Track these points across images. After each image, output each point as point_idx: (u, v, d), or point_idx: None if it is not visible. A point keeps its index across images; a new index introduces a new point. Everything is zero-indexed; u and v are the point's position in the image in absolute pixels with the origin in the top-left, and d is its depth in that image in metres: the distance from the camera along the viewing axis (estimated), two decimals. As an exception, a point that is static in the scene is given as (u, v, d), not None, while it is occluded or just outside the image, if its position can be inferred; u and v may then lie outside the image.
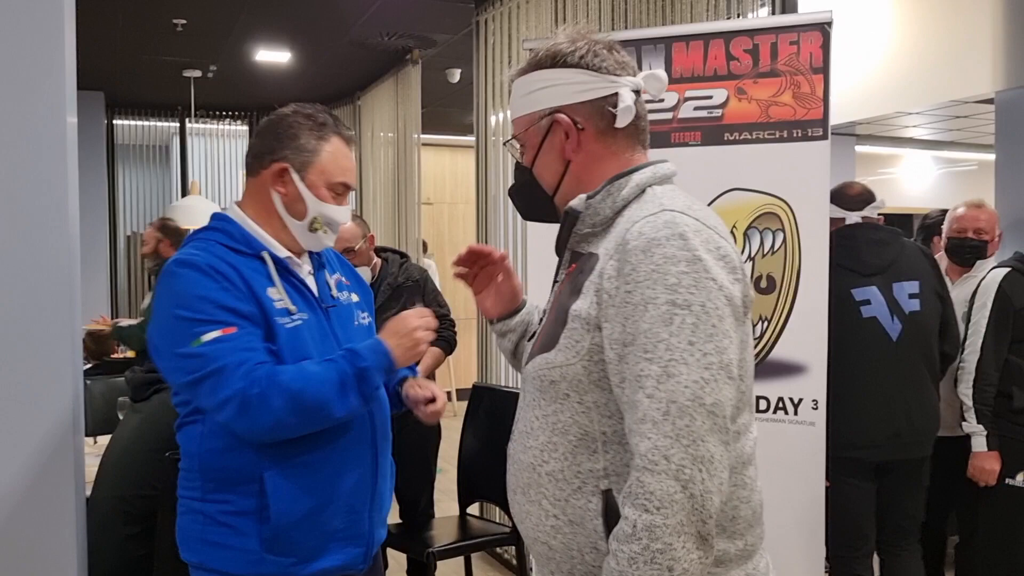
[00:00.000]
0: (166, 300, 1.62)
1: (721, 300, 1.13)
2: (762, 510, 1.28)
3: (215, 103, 7.84)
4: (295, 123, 1.71)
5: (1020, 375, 2.88)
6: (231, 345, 1.56)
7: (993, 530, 2.97)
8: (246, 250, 1.69)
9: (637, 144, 1.31)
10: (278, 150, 1.70)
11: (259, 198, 1.73)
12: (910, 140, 9.29)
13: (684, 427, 1.09)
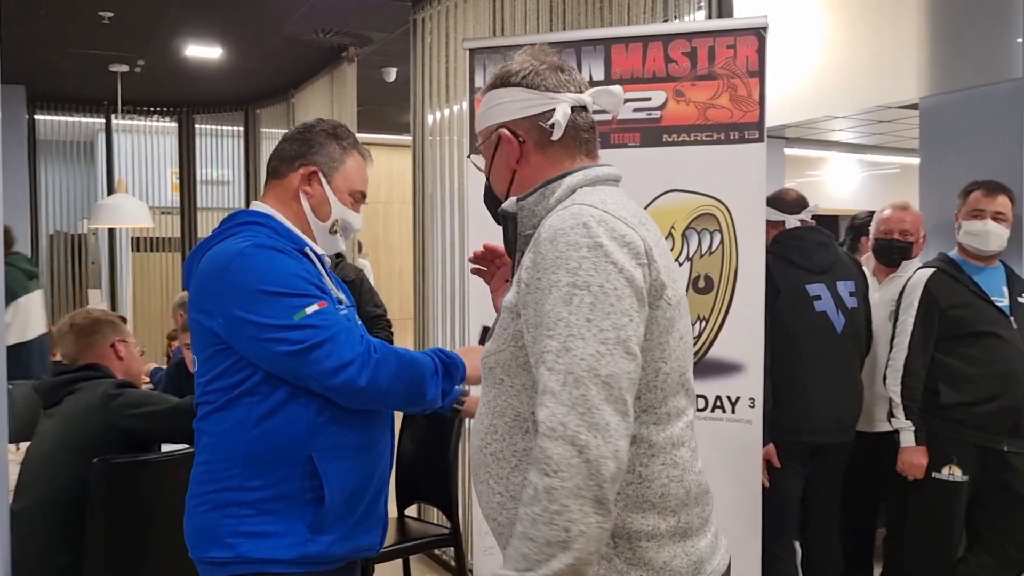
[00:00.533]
0: (249, 279, 1.67)
1: (620, 281, 1.22)
2: (703, 492, 1.36)
3: (143, 99, 7.63)
4: (323, 133, 1.88)
5: (946, 372, 2.97)
6: (334, 317, 1.68)
7: (920, 522, 3.05)
8: (291, 246, 1.78)
9: (578, 153, 1.42)
10: (309, 155, 1.85)
11: (285, 199, 1.86)
12: (836, 143, 9.55)
13: (580, 396, 1.17)
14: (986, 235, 3.01)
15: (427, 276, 4.72)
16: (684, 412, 1.35)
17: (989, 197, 3.03)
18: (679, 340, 1.32)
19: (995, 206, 3.01)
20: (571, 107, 1.40)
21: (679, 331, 1.32)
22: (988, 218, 3.01)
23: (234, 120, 8.09)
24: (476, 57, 2.68)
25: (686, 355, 1.36)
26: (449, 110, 4.51)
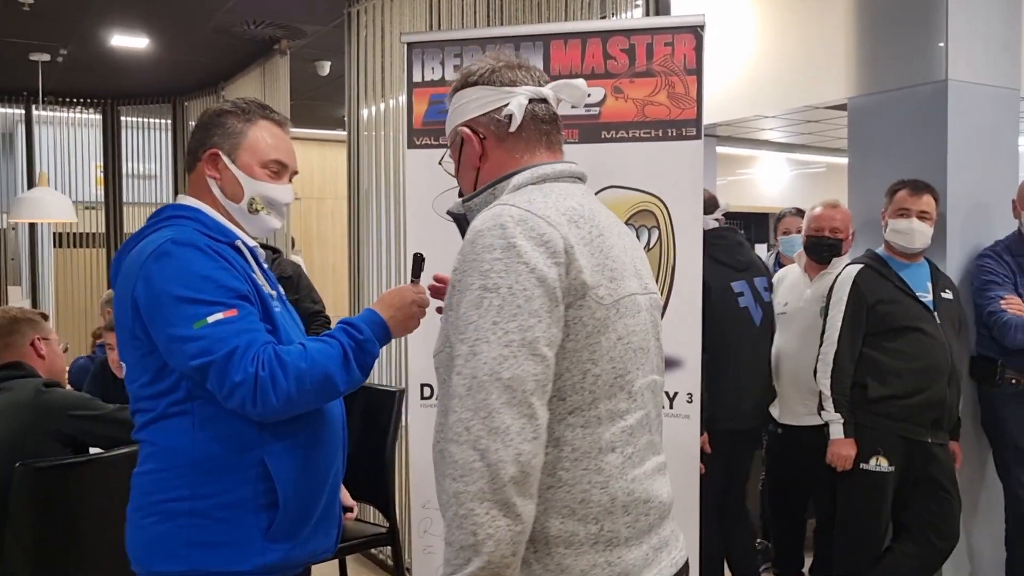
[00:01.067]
0: (164, 279, 1.57)
1: (531, 282, 1.21)
2: (638, 502, 1.31)
3: (66, 89, 7.36)
4: (222, 112, 1.76)
5: (874, 366, 3.05)
6: (235, 327, 1.55)
7: (848, 512, 3.13)
8: (221, 238, 1.68)
9: (539, 146, 1.41)
10: (207, 140, 1.73)
11: (200, 190, 1.75)
12: (766, 142, 9.74)
13: (482, 400, 1.18)
14: (911, 233, 3.09)
15: (362, 272, 4.66)
16: (621, 416, 1.31)
17: (914, 196, 3.11)
18: (616, 341, 1.29)
19: (920, 205, 3.10)
20: (529, 99, 1.39)
21: (617, 332, 1.30)
22: (913, 216, 3.09)
23: (162, 112, 7.88)
24: (413, 51, 2.65)
25: (630, 357, 1.32)
26: (385, 104, 4.47)
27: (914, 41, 3.44)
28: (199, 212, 1.72)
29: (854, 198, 3.70)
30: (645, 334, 1.36)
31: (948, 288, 3.18)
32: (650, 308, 1.40)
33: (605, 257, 1.30)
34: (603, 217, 1.38)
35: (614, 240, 1.35)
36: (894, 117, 3.52)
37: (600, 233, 1.32)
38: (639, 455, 1.33)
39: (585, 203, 1.35)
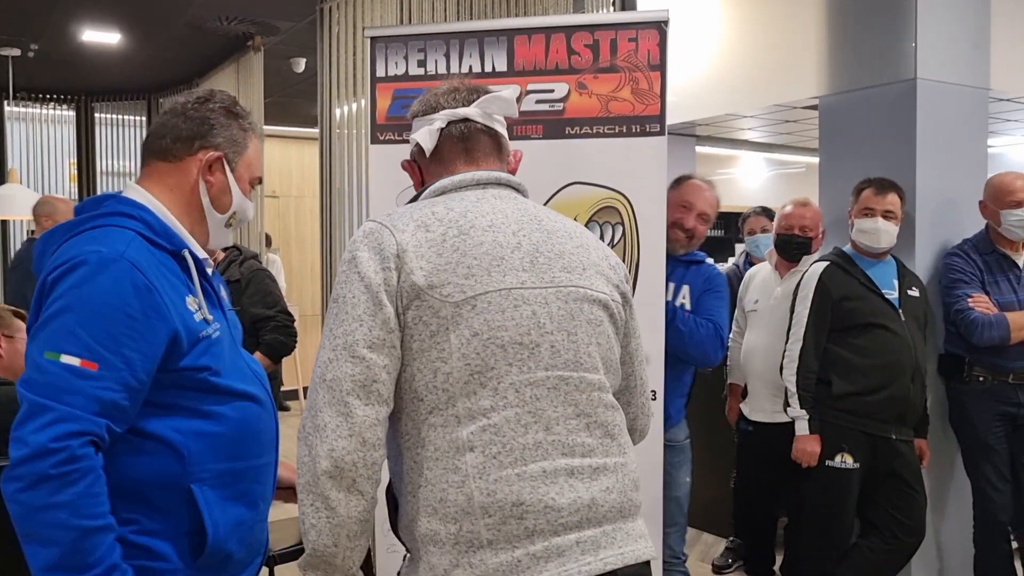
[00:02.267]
0: (80, 291, 1.40)
1: (359, 289, 1.31)
2: (505, 504, 1.28)
3: (37, 85, 7.29)
4: (222, 111, 1.62)
5: (839, 363, 3.05)
6: (81, 385, 1.36)
7: (814, 509, 3.14)
8: (166, 246, 1.53)
9: (457, 160, 1.49)
10: (210, 137, 1.59)
11: (177, 187, 1.59)
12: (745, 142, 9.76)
13: (311, 401, 1.31)
14: (876, 232, 3.10)
15: (335, 271, 4.63)
16: (484, 414, 1.30)
17: (879, 196, 3.12)
18: (471, 337, 1.30)
19: (885, 204, 3.11)
20: (449, 121, 1.48)
21: (472, 328, 1.31)
22: (878, 216, 3.10)
23: (136, 109, 7.82)
24: (377, 45, 2.63)
25: (493, 353, 1.31)
26: (357, 104, 4.44)
27: (884, 40, 3.45)
28: (145, 211, 1.54)
29: (824, 196, 3.70)
30: (528, 329, 1.34)
31: (915, 286, 3.19)
32: (557, 301, 1.37)
33: (463, 255, 1.33)
34: (487, 216, 1.38)
35: (489, 236, 1.36)
36: (864, 116, 3.53)
37: (462, 233, 1.35)
38: (512, 456, 1.30)
39: (461, 206, 1.39)
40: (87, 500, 1.35)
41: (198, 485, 1.48)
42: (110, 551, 1.37)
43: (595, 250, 1.48)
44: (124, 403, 1.40)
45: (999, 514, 3.20)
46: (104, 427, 1.38)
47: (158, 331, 1.43)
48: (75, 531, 1.34)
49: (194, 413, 1.50)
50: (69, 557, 1.34)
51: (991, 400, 3.21)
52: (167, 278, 1.49)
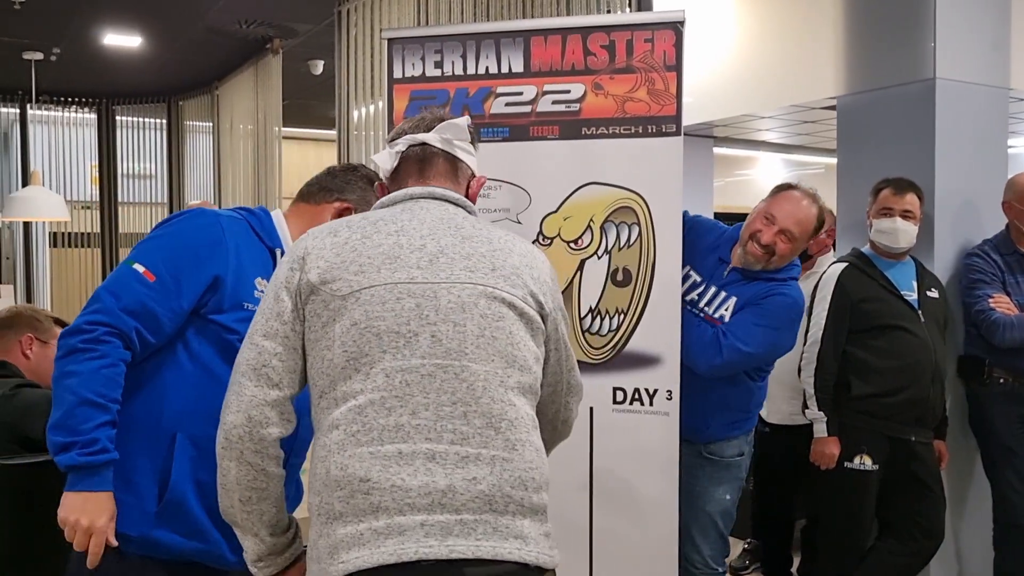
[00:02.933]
0: (174, 224, 1.77)
1: (272, 288, 1.50)
2: (354, 480, 1.36)
3: (60, 88, 7.38)
4: (364, 178, 1.96)
5: (857, 365, 3.03)
6: (136, 288, 1.66)
7: (833, 511, 3.12)
8: (265, 240, 1.84)
9: (407, 179, 1.62)
10: (348, 192, 1.93)
11: (309, 221, 1.86)
12: (764, 143, 9.71)
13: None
14: (895, 233, 3.08)
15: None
16: (353, 396, 1.41)
17: (898, 196, 3.10)
18: (351, 327, 1.42)
19: (903, 204, 3.08)
20: (409, 145, 1.62)
21: (353, 318, 1.42)
22: (897, 216, 3.08)
23: (157, 112, 7.89)
24: (394, 47, 2.64)
25: (369, 340, 1.42)
26: (374, 105, 4.47)
27: (902, 39, 3.43)
28: (266, 216, 1.90)
29: (842, 197, 3.68)
30: (408, 319, 1.42)
31: (934, 287, 3.17)
32: (448, 295, 1.45)
33: (358, 255, 1.46)
34: (398, 222, 1.51)
35: (392, 240, 1.48)
36: (882, 116, 3.50)
37: (365, 236, 1.49)
38: (370, 435, 1.38)
39: (378, 215, 1.54)
40: (94, 376, 1.60)
41: (183, 435, 1.68)
42: (99, 429, 1.60)
43: (520, 258, 1.54)
44: (163, 318, 1.67)
45: (1019, 517, 3.17)
46: (133, 329, 1.64)
47: (211, 273, 1.71)
48: (76, 396, 1.59)
49: (205, 368, 1.71)
50: (66, 418, 1.59)
51: (1012, 402, 3.18)
52: (251, 255, 1.79)
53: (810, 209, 2.54)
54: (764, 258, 2.52)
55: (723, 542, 2.71)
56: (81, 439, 1.58)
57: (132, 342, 1.65)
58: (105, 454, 1.60)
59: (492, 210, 2.58)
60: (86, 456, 1.58)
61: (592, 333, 2.54)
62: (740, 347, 2.48)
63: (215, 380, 1.67)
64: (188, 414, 1.69)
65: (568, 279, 2.54)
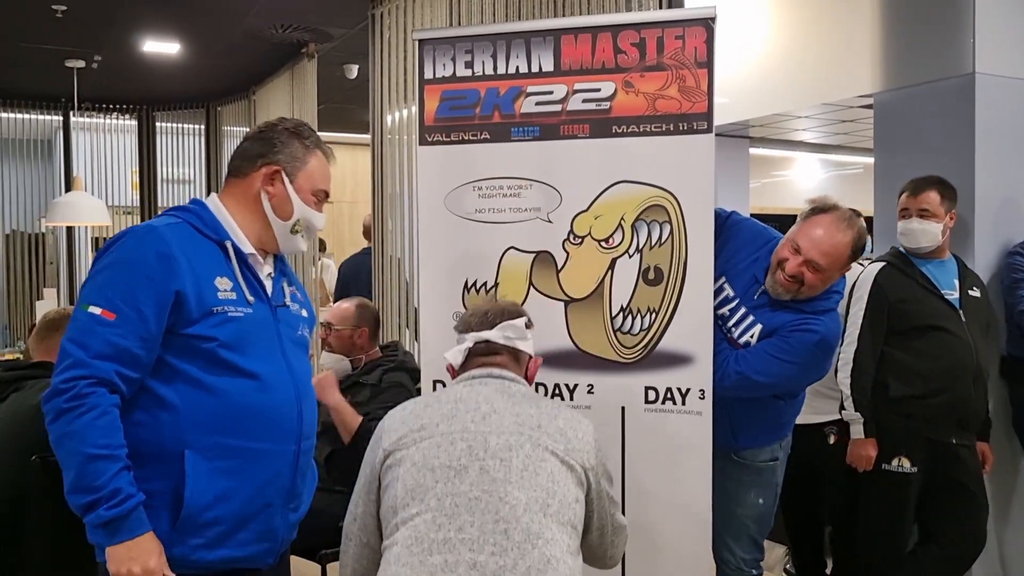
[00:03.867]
0: (106, 254, 1.72)
1: (364, 467, 1.82)
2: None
3: (101, 96, 7.52)
4: (286, 132, 1.89)
5: (896, 366, 2.98)
6: (99, 332, 1.64)
7: (871, 514, 3.06)
8: (211, 235, 1.80)
9: (473, 367, 1.92)
10: (271, 154, 1.86)
11: (243, 197, 1.87)
12: (800, 143, 9.61)
13: None
14: (912, 233, 3.03)
15: (385, 276, 4.68)
16: (411, 519, 1.68)
17: (913, 196, 3.06)
18: (411, 467, 1.72)
19: (918, 204, 3.03)
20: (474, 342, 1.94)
21: (413, 460, 1.73)
22: (913, 216, 3.03)
23: (195, 118, 8.00)
24: (425, 48, 2.65)
25: (424, 476, 1.71)
26: (407, 109, 4.49)
27: (941, 34, 3.37)
28: (202, 208, 1.84)
29: (880, 196, 3.63)
30: (460, 456, 1.69)
31: (976, 286, 3.10)
32: (498, 440, 1.73)
33: (420, 418, 1.78)
34: (457, 392, 1.83)
35: (449, 406, 1.79)
36: (920, 112, 3.45)
37: (427, 405, 1.82)
38: (421, 546, 1.62)
39: (441, 391, 1.92)
40: (91, 431, 1.59)
41: (191, 451, 1.68)
42: (116, 477, 1.60)
43: (565, 421, 1.77)
44: (137, 350, 1.65)
45: (1065, 521, 3.10)
46: (112, 371, 1.63)
47: (170, 290, 1.68)
48: (81, 456, 1.59)
49: (196, 382, 1.70)
50: (80, 479, 1.59)
51: (1056, 404, 3.11)
52: (202, 257, 1.75)
53: (843, 236, 2.39)
54: (793, 287, 2.41)
55: (756, 548, 2.66)
56: (103, 494, 1.59)
57: (115, 385, 1.64)
58: (131, 499, 1.61)
59: (523, 209, 2.57)
60: (114, 509, 1.59)
61: (624, 332, 2.52)
62: (751, 376, 2.42)
63: (206, 390, 1.70)
64: (190, 430, 1.69)
65: (599, 278, 2.53)
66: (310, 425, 1.88)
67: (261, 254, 1.89)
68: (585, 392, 2.54)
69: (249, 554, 1.77)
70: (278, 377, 1.80)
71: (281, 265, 1.97)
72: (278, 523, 1.82)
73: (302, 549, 3.12)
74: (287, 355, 1.84)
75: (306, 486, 1.92)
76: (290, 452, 1.81)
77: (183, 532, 1.68)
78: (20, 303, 8.10)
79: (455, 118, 2.63)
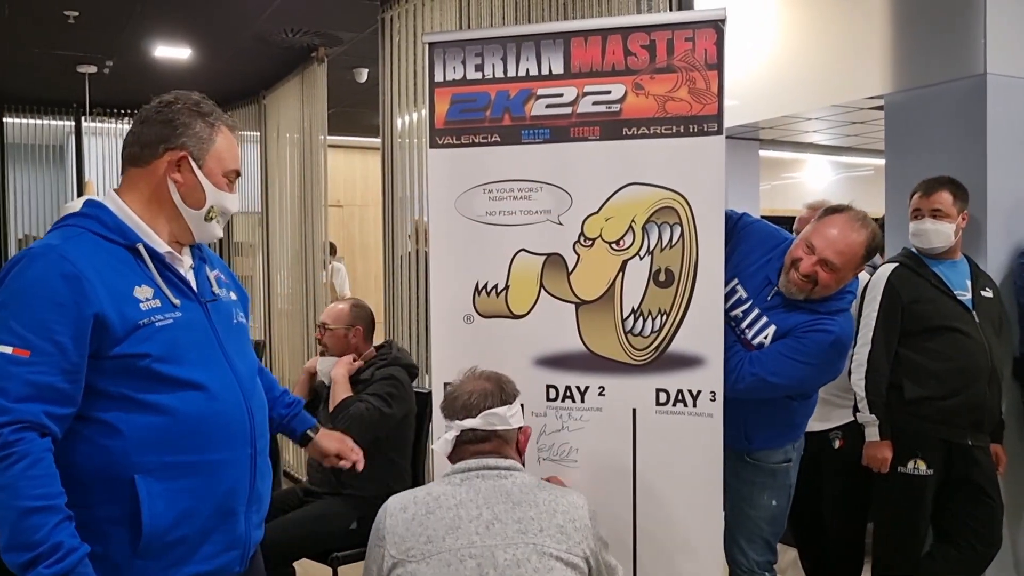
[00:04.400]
0: (10, 284, 1.54)
1: (367, 564, 1.89)
2: None
3: (113, 101, 7.55)
4: (185, 111, 1.69)
5: (910, 367, 2.96)
6: (15, 372, 1.48)
7: (886, 516, 3.05)
8: (119, 240, 1.63)
9: (465, 454, 1.99)
10: (174, 138, 1.67)
11: (146, 188, 1.68)
12: (811, 145, 9.58)
13: None
14: (925, 233, 3.02)
15: (395, 279, 4.69)
16: None
17: (925, 197, 3.04)
18: None
19: (931, 204, 3.02)
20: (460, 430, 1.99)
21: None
22: (926, 216, 3.02)
23: (206, 122, 8.02)
24: (435, 51, 2.66)
25: None
26: (418, 113, 4.49)
27: (951, 34, 3.36)
28: (102, 211, 1.65)
29: (891, 198, 3.61)
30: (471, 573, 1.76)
31: (988, 287, 3.09)
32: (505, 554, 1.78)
33: (425, 528, 1.83)
34: (457, 496, 1.87)
35: (452, 513, 1.84)
36: (931, 113, 3.43)
37: (429, 512, 1.86)
38: None
39: (440, 490, 1.89)
40: (24, 482, 1.44)
41: (142, 476, 1.55)
42: (56, 531, 1.44)
43: (563, 515, 1.84)
44: (62, 385, 1.49)
45: (1080, 523, 3.08)
46: (39, 413, 1.47)
47: (87, 315, 1.51)
48: (14, 511, 1.43)
49: (137, 404, 1.56)
50: (15, 536, 1.43)
51: (1070, 405, 3.09)
52: (114, 268, 1.58)
53: (857, 236, 2.40)
54: (807, 287, 2.41)
55: (770, 550, 2.66)
56: (42, 550, 1.43)
57: (45, 426, 1.48)
58: (74, 553, 1.46)
59: (534, 211, 2.58)
60: (56, 566, 1.43)
61: (635, 334, 2.52)
62: (765, 377, 2.42)
63: (150, 410, 1.57)
64: (137, 452, 1.56)
65: (610, 280, 2.53)
66: (262, 424, 1.78)
67: (177, 248, 1.72)
68: (596, 394, 2.54)
69: (217, 566, 1.68)
70: (222, 381, 1.67)
71: (199, 252, 1.81)
72: (242, 529, 1.72)
73: (314, 553, 3.14)
74: (228, 354, 1.71)
75: (265, 486, 1.80)
76: (246, 456, 1.71)
77: (146, 556, 1.57)
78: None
79: (465, 121, 2.63)
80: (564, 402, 2.57)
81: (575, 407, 2.56)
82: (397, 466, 3.25)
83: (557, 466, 2.56)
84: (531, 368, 2.57)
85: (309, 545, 3.14)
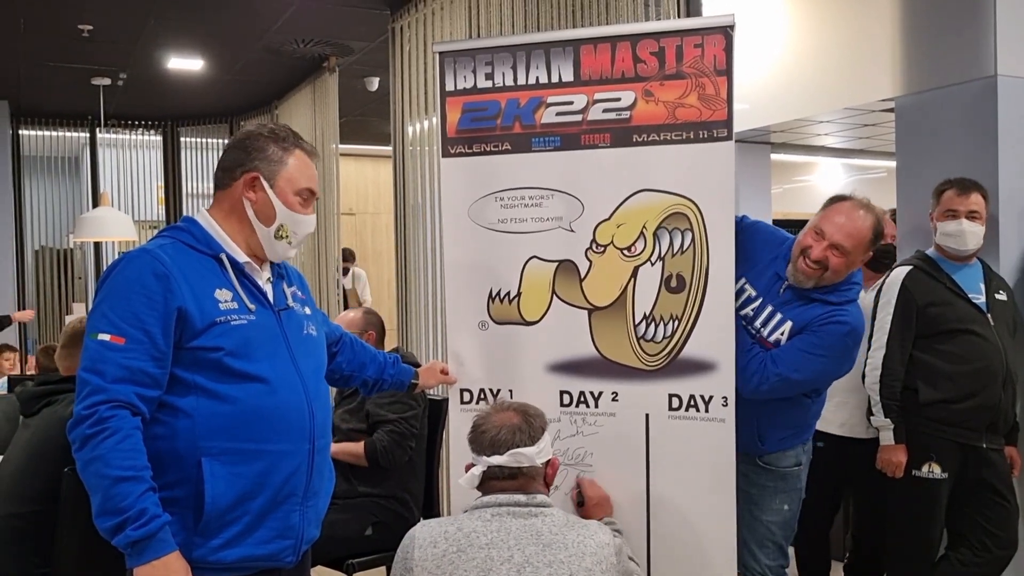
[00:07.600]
0: (107, 281, 1.76)
1: None
2: None
3: (127, 112, 7.62)
4: (261, 136, 1.90)
5: (925, 370, 2.96)
6: (111, 355, 1.68)
7: (901, 520, 3.04)
8: (206, 250, 1.84)
9: (493, 488, 1.99)
10: (247, 161, 1.87)
11: (228, 206, 1.90)
12: (822, 148, 9.56)
13: None
14: (962, 235, 3.00)
15: (409, 286, 4.71)
16: None
17: (962, 196, 3.02)
18: None
19: (968, 205, 3.01)
20: (488, 466, 1.99)
21: None
22: (963, 217, 3.00)
23: (219, 132, 8.09)
24: (445, 60, 2.67)
25: None
26: (428, 120, 4.52)
27: (962, 36, 3.36)
28: (195, 224, 1.88)
29: (903, 200, 3.61)
30: None
31: (1002, 289, 3.08)
32: None
33: (456, 568, 1.83)
34: (488, 535, 1.87)
35: (483, 553, 1.83)
36: (942, 115, 3.43)
37: (460, 550, 1.85)
38: None
39: (471, 526, 1.88)
40: (115, 454, 1.64)
41: (207, 458, 1.73)
42: (142, 498, 1.64)
43: (591, 557, 1.85)
44: (151, 369, 1.70)
45: (1097, 526, 3.06)
46: (130, 393, 1.68)
47: (172, 308, 1.72)
48: (106, 479, 1.63)
49: (207, 392, 1.75)
50: (106, 502, 1.63)
51: (1086, 407, 3.08)
52: (199, 272, 1.80)
53: (864, 220, 2.43)
54: (816, 274, 2.43)
55: (782, 554, 2.66)
56: (129, 515, 1.62)
57: (136, 405, 1.68)
58: (157, 520, 1.64)
59: (545, 219, 2.59)
60: (140, 529, 1.62)
61: (647, 340, 2.53)
62: (788, 375, 2.43)
63: (218, 398, 1.75)
64: (206, 437, 1.73)
65: (622, 286, 2.54)
66: (323, 423, 1.91)
67: (256, 261, 1.91)
68: (610, 400, 2.55)
69: (268, 552, 1.80)
70: (286, 379, 1.83)
71: (279, 268, 2.00)
72: (296, 520, 1.85)
73: (328, 559, 3.15)
74: (295, 356, 1.88)
75: (324, 484, 1.95)
76: (304, 451, 1.85)
77: (204, 535, 1.72)
78: (49, 318, 8.21)
79: (477, 129, 2.65)
80: (578, 407, 2.58)
81: (589, 412, 2.57)
82: (412, 462, 3.28)
83: (572, 470, 2.57)
84: (545, 374, 2.58)
85: (323, 552, 3.15)
